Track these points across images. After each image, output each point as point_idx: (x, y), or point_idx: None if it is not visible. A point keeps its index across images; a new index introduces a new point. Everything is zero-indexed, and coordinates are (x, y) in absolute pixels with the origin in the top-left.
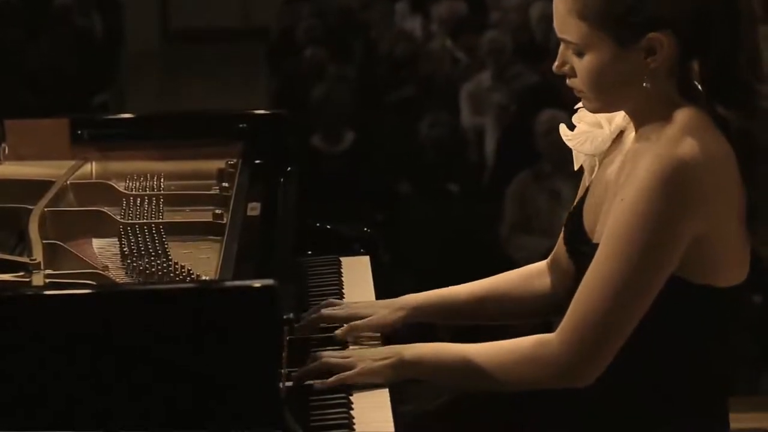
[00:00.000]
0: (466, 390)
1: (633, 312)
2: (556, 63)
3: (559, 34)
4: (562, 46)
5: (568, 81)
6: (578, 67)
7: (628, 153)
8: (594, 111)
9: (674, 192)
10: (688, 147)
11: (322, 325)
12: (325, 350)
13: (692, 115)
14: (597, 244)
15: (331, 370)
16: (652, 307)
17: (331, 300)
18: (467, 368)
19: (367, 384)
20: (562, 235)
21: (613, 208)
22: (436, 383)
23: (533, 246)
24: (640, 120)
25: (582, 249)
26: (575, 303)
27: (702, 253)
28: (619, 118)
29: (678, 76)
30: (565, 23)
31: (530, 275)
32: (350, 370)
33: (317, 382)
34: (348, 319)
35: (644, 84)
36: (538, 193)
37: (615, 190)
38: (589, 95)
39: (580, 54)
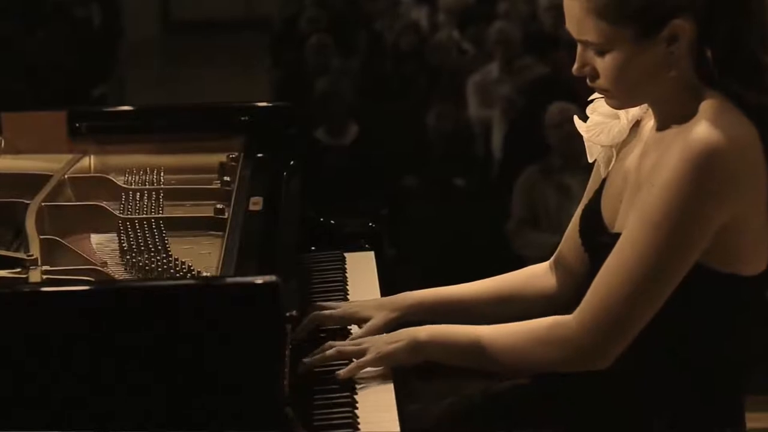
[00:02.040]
0: (481, 371)
1: (655, 298)
2: (575, 66)
3: (577, 36)
4: (580, 48)
5: (589, 83)
6: (601, 66)
7: (649, 141)
8: (619, 108)
9: (706, 179)
10: (719, 134)
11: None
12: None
13: (717, 100)
14: (618, 234)
15: (346, 357)
16: (676, 295)
17: (320, 304)
18: (482, 349)
19: (372, 382)
20: (572, 230)
21: (642, 194)
22: (450, 364)
23: (541, 242)
24: (662, 108)
25: (602, 240)
26: (596, 285)
27: (729, 240)
28: (636, 107)
29: (696, 59)
30: (583, 24)
31: (533, 276)
32: (364, 356)
33: (340, 372)
34: (344, 320)
35: (671, 73)
36: (546, 188)
37: (636, 179)
38: (615, 93)
39: (601, 53)
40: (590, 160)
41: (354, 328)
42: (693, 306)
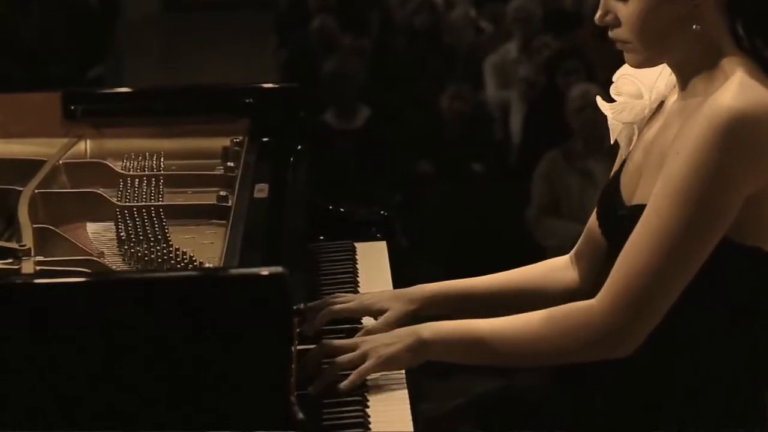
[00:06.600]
0: (495, 366)
1: (682, 274)
2: (598, 13)
3: None
4: None
5: (610, 33)
6: (623, 13)
7: (671, 111)
8: (640, 64)
9: (734, 145)
10: (749, 99)
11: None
12: (330, 336)
13: (744, 65)
14: (634, 206)
15: (345, 368)
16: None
17: (330, 299)
18: (494, 343)
19: (384, 380)
20: (593, 220)
21: (667, 163)
22: (459, 362)
23: (563, 230)
24: (685, 71)
25: (618, 214)
26: (619, 265)
27: (754, 212)
28: (662, 85)
29: (723, 18)
30: None
31: (553, 269)
32: (364, 362)
33: (339, 387)
34: (359, 311)
35: (695, 27)
36: (568, 174)
37: (657, 150)
38: (637, 45)
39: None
40: (611, 141)
41: (365, 320)
42: (712, 281)
